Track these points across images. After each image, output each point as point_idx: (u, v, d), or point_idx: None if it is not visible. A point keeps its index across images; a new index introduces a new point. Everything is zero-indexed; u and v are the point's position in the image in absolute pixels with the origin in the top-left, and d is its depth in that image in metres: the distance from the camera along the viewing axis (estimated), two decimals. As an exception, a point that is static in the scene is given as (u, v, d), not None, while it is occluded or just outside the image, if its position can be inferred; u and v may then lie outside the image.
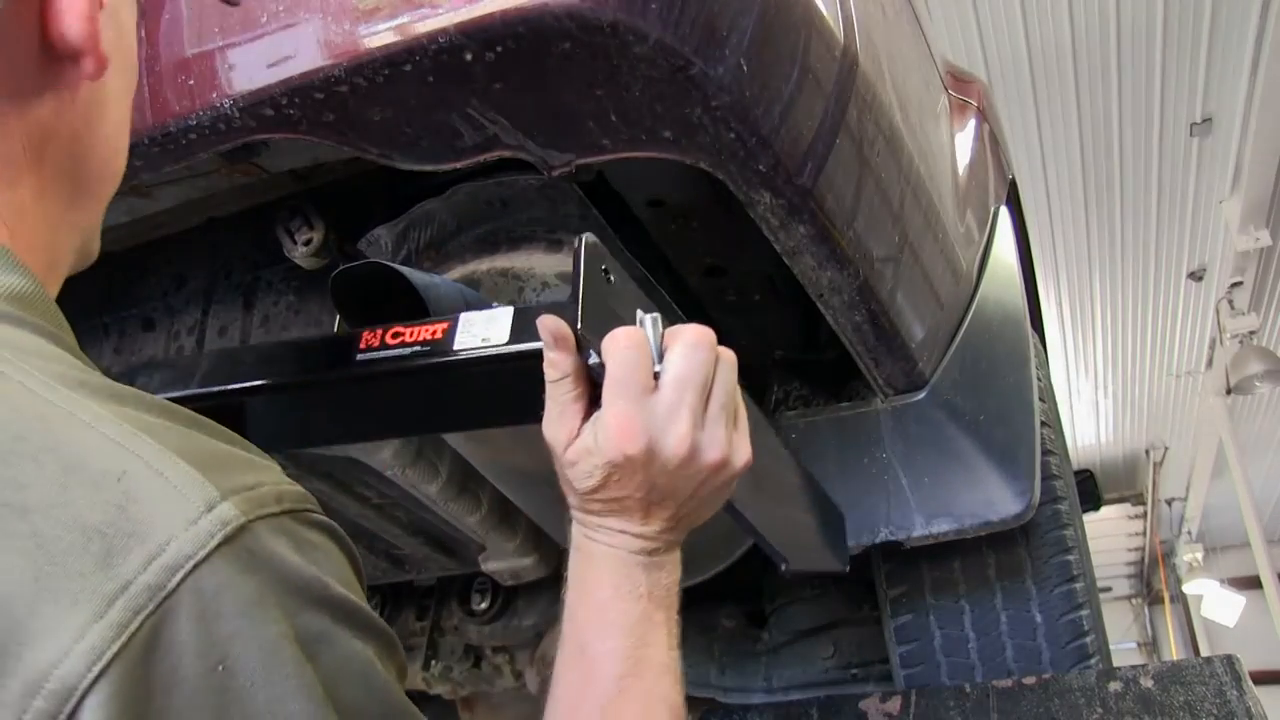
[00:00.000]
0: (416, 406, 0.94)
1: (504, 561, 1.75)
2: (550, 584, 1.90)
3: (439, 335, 0.83)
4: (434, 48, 0.86)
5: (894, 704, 1.56)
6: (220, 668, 0.35)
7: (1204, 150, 5.62)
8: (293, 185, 1.24)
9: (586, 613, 0.67)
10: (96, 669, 0.33)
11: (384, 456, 1.41)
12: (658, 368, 0.68)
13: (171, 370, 0.93)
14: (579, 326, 0.70)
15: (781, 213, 1.05)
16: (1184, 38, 4.88)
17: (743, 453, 0.71)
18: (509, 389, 0.83)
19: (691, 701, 2.26)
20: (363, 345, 0.85)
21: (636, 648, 0.65)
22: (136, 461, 0.38)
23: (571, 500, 0.70)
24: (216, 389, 0.88)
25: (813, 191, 1.05)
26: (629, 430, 0.65)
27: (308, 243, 1.25)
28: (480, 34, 0.85)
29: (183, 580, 0.36)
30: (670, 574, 0.70)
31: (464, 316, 0.85)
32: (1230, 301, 6.56)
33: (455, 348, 0.83)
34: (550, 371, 0.70)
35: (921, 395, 1.43)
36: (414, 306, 1.02)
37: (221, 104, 0.93)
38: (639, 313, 0.73)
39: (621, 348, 0.67)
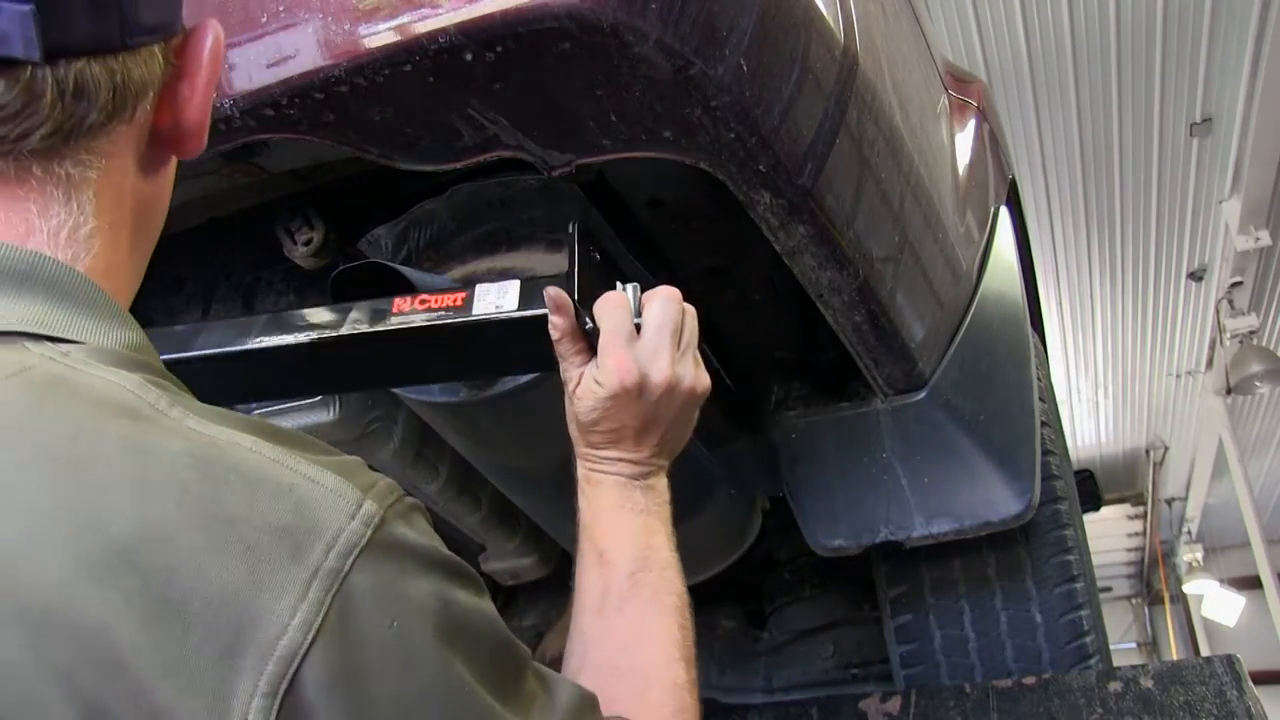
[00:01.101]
0: (439, 360, 1.08)
1: (504, 561, 1.75)
2: (550, 584, 1.90)
3: (459, 303, 0.99)
4: (434, 48, 0.86)
5: (894, 704, 1.56)
6: (394, 624, 0.46)
7: (1204, 150, 5.61)
8: (293, 185, 1.24)
9: (600, 527, 0.84)
10: (310, 636, 0.43)
11: (384, 456, 1.41)
12: (638, 320, 0.88)
13: (234, 329, 1.07)
14: (574, 296, 0.90)
15: (781, 213, 1.05)
16: (1184, 38, 4.87)
17: (705, 379, 0.90)
18: (515, 346, 1.00)
19: (691, 701, 2.26)
20: (395, 310, 1.00)
21: (644, 550, 0.82)
22: (297, 475, 0.48)
23: (578, 441, 0.88)
24: (276, 343, 1.02)
25: (813, 191, 1.05)
26: (626, 368, 0.84)
27: (308, 242, 1.25)
28: (480, 34, 0.85)
29: (354, 562, 0.46)
30: (661, 494, 0.88)
31: (479, 287, 0.99)
32: (1230, 301, 6.55)
33: (474, 312, 0.98)
34: (554, 332, 0.90)
35: (921, 395, 1.43)
36: None
37: (221, 104, 0.93)
38: (619, 283, 0.92)
39: (611, 307, 0.88)
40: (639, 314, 0.89)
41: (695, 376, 0.88)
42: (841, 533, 1.47)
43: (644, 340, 0.86)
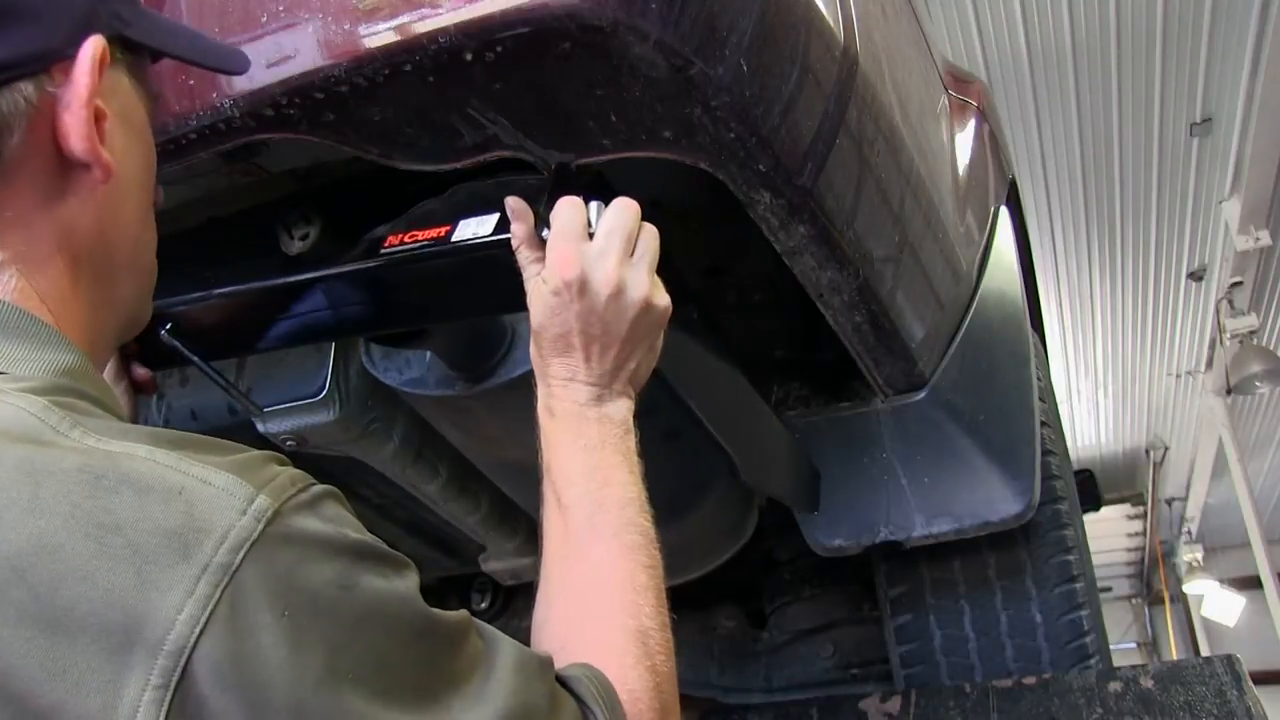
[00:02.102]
0: (428, 295, 1.09)
1: (504, 561, 1.75)
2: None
3: (443, 234, 1.00)
4: (434, 48, 0.86)
5: (894, 704, 1.56)
6: (285, 614, 0.47)
7: (1204, 150, 5.61)
8: (293, 185, 1.24)
9: (557, 469, 0.81)
10: (197, 629, 0.45)
11: (384, 456, 1.41)
12: (594, 229, 0.86)
13: (249, 264, 1.10)
14: (542, 208, 0.89)
15: (781, 213, 1.05)
16: (1184, 38, 4.87)
17: (663, 297, 0.86)
18: (495, 277, 0.98)
19: (691, 701, 2.27)
20: (386, 244, 1.03)
21: (600, 488, 0.79)
22: (188, 478, 0.49)
23: (535, 364, 0.86)
24: (282, 281, 1.05)
25: (813, 191, 1.05)
26: (566, 260, 0.82)
27: (304, 238, 1.25)
28: (480, 34, 0.85)
29: (245, 556, 0.47)
30: (620, 425, 0.83)
31: (462, 221, 1.00)
32: (1230, 301, 6.55)
33: (453, 240, 0.99)
34: (514, 241, 0.90)
35: (921, 395, 1.43)
36: None
37: (221, 104, 0.93)
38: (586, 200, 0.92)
39: (565, 208, 0.86)
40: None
41: (649, 290, 0.84)
42: (841, 533, 1.47)
43: (594, 241, 0.84)
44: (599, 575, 0.75)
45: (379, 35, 0.88)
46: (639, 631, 0.71)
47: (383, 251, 1.02)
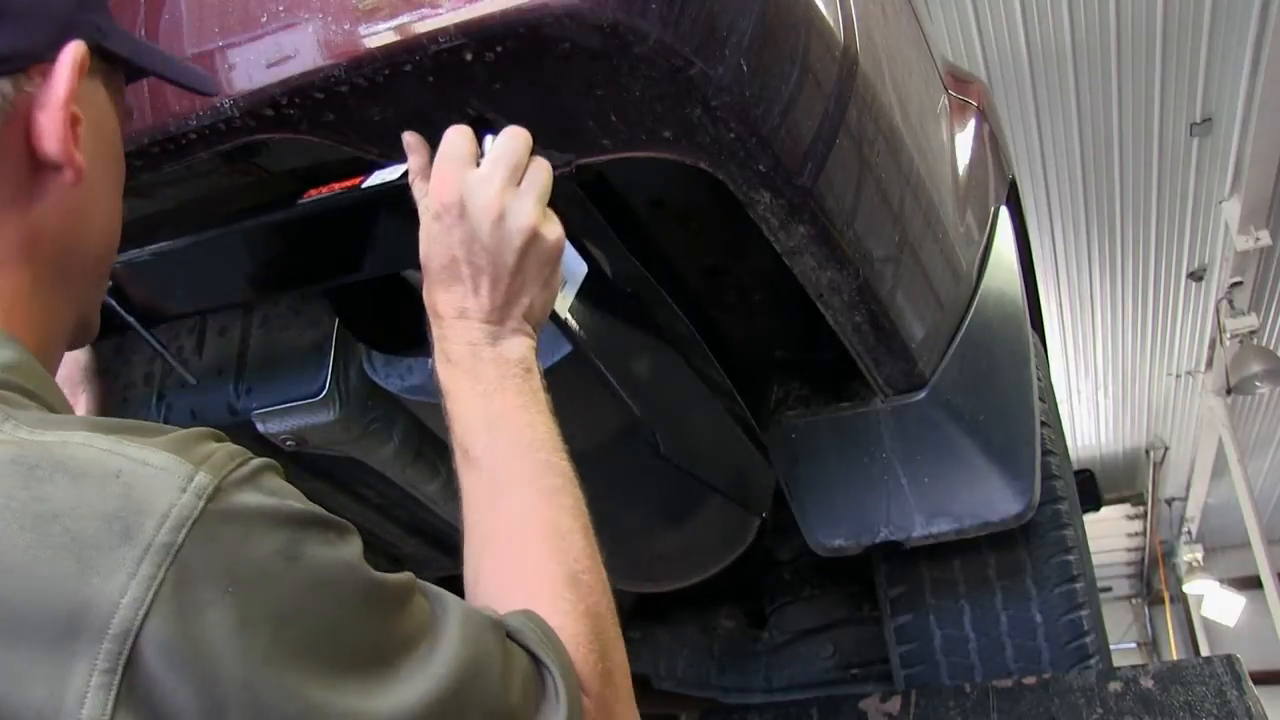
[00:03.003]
0: (349, 244, 1.07)
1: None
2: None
3: (357, 183, 0.98)
4: (434, 48, 0.86)
5: (894, 704, 1.56)
6: (230, 589, 0.47)
7: (1204, 150, 5.61)
8: (293, 185, 1.23)
9: (458, 420, 0.78)
10: (142, 611, 0.45)
11: (384, 456, 1.41)
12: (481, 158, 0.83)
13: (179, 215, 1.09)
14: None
15: (781, 213, 1.05)
16: (1184, 38, 4.87)
17: (554, 228, 0.83)
18: (407, 225, 0.93)
19: (691, 701, 2.27)
20: (305, 196, 1.01)
21: (506, 435, 0.76)
22: (125, 460, 0.49)
23: (428, 304, 0.83)
24: (206, 235, 1.03)
25: (813, 191, 1.05)
26: (445, 182, 0.81)
27: None
28: (480, 34, 0.85)
29: (188, 534, 0.47)
30: (519, 362, 0.80)
31: (376, 172, 0.98)
32: (1230, 301, 6.54)
33: (363, 186, 0.97)
34: (410, 175, 0.89)
35: (921, 395, 1.43)
36: (412, 306, 1.02)
37: (221, 104, 0.93)
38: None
39: (451, 135, 0.84)
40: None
41: (536, 218, 0.81)
42: (841, 533, 1.47)
43: (478, 168, 0.82)
44: (522, 526, 0.73)
45: (379, 35, 0.88)
46: (569, 577, 0.70)
47: (299, 202, 1.01)
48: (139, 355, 1.34)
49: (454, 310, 0.81)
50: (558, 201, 0.88)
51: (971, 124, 1.85)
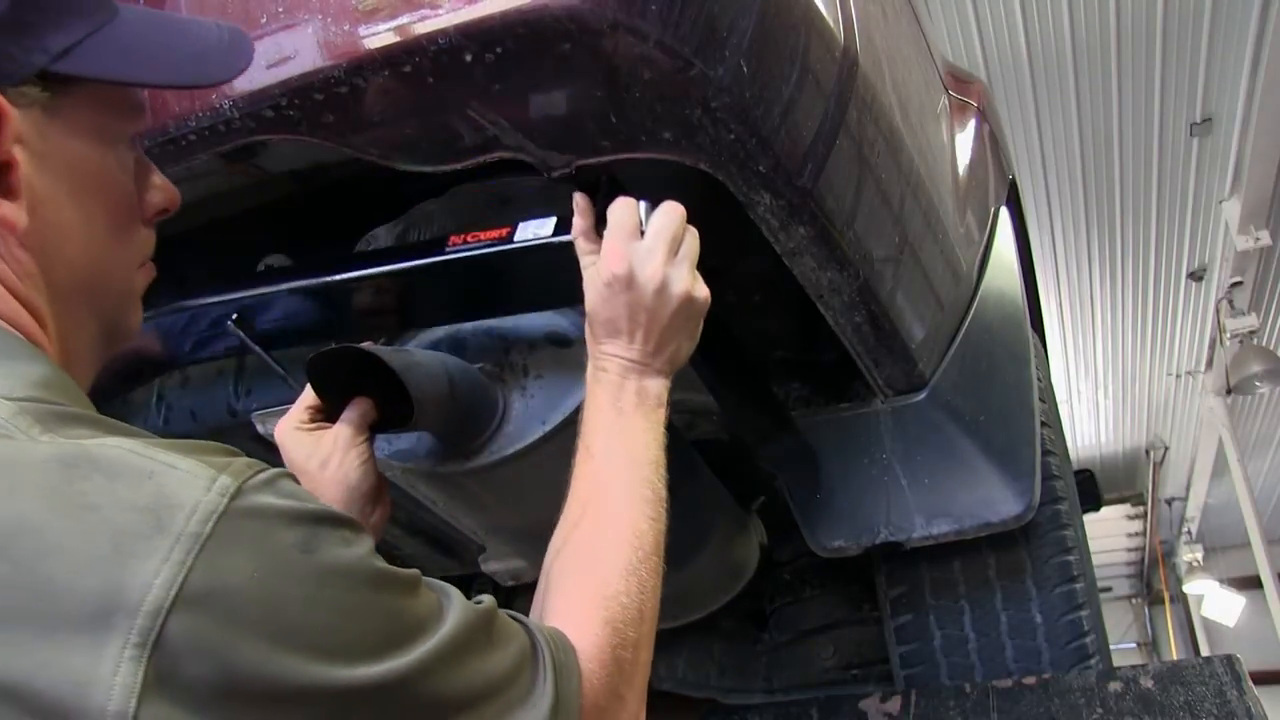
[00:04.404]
0: (488, 290, 1.16)
1: (504, 563, 1.75)
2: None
3: (505, 234, 1.08)
4: (434, 48, 0.86)
5: (894, 704, 1.56)
6: (254, 575, 0.51)
7: (1204, 150, 5.61)
8: (292, 185, 1.24)
9: (592, 424, 0.92)
10: (173, 592, 0.49)
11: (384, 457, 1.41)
12: (645, 228, 0.95)
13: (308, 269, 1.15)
14: (598, 204, 0.99)
15: (782, 214, 1.05)
16: (1184, 38, 4.87)
17: (702, 290, 0.96)
18: (552, 273, 1.06)
19: (692, 702, 2.26)
20: (450, 243, 1.09)
21: (626, 446, 0.90)
22: (156, 464, 0.53)
23: (588, 338, 0.96)
24: (339, 279, 1.10)
25: (813, 192, 1.05)
26: (617, 256, 0.92)
27: None
28: (480, 35, 0.85)
29: (214, 526, 0.51)
30: (655, 398, 0.94)
31: (521, 224, 1.07)
32: (1230, 301, 6.54)
33: (516, 239, 1.07)
34: (574, 231, 0.99)
35: (921, 396, 1.43)
36: (392, 384, 1.01)
37: (221, 105, 0.93)
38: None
39: (619, 208, 0.95)
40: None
41: (691, 284, 0.95)
42: (841, 533, 1.47)
43: (643, 241, 0.94)
44: (612, 517, 0.85)
45: (379, 36, 0.88)
46: (630, 567, 0.81)
47: (450, 250, 1.09)
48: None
49: (609, 353, 0.94)
50: (557, 204, 0.89)
51: (971, 124, 1.85)
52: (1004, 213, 1.87)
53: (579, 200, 0.99)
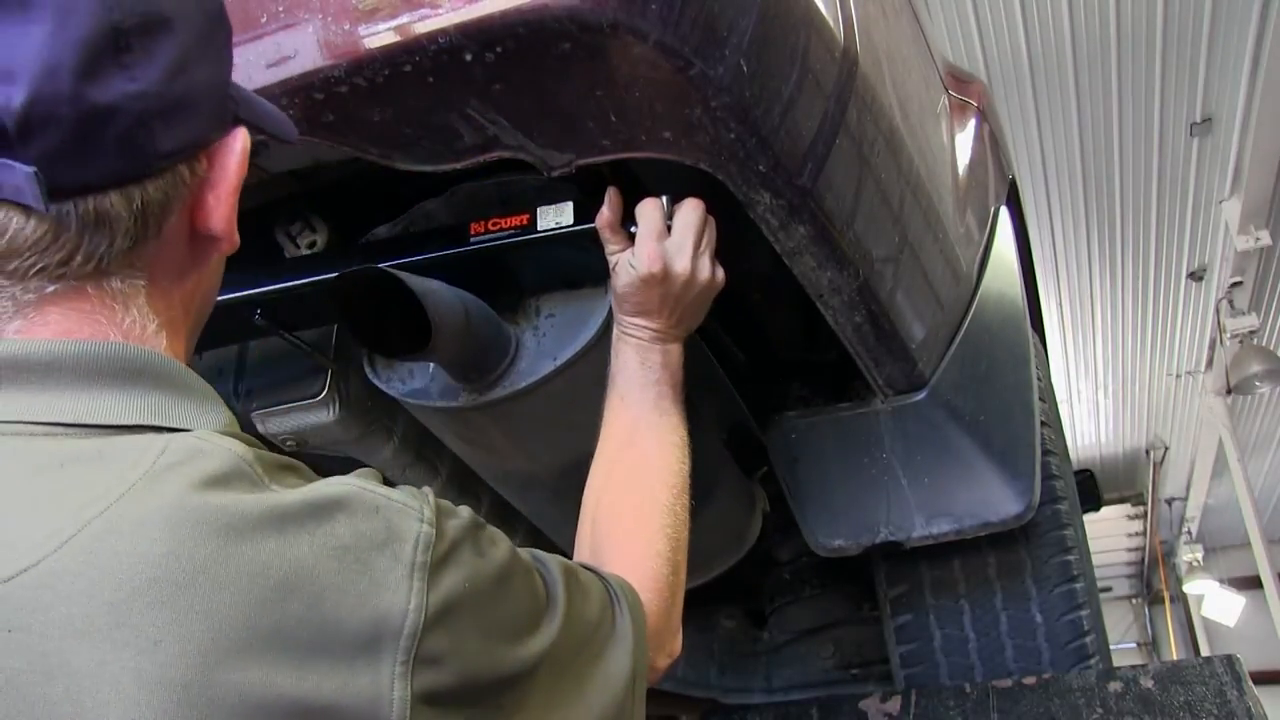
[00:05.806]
0: (510, 275, 1.20)
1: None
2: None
3: (526, 222, 1.13)
4: (434, 48, 0.86)
5: (894, 704, 1.56)
6: (465, 587, 0.62)
7: (1204, 150, 5.61)
8: (293, 185, 1.24)
9: (623, 378, 1.07)
10: (424, 615, 0.58)
11: (384, 456, 1.41)
12: (669, 222, 1.07)
13: (324, 261, 1.19)
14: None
15: (781, 213, 1.05)
16: (1184, 38, 4.87)
17: (719, 276, 1.11)
18: (574, 258, 1.14)
19: (692, 702, 2.27)
20: (473, 232, 1.14)
21: (656, 398, 1.06)
22: (377, 496, 0.62)
23: (615, 309, 1.10)
24: (367, 269, 1.10)
25: (812, 192, 1.05)
26: (654, 258, 1.05)
27: (311, 245, 1.25)
28: (480, 34, 0.85)
29: (435, 555, 0.61)
30: (675, 360, 1.09)
31: (540, 210, 1.12)
32: (1230, 301, 6.54)
33: (539, 228, 1.12)
34: (601, 220, 1.08)
35: (921, 396, 1.43)
36: (413, 310, 1.02)
37: (221, 104, 0.93)
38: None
39: (649, 209, 1.07)
40: (670, 217, 1.08)
41: (711, 272, 1.09)
42: (841, 533, 1.47)
43: (672, 238, 1.06)
44: (646, 462, 1.01)
45: (379, 36, 0.88)
46: (668, 505, 0.97)
47: (474, 239, 1.13)
48: None
49: (637, 324, 1.08)
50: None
51: (971, 124, 1.85)
52: (1004, 212, 1.87)
53: (612, 195, 1.08)
